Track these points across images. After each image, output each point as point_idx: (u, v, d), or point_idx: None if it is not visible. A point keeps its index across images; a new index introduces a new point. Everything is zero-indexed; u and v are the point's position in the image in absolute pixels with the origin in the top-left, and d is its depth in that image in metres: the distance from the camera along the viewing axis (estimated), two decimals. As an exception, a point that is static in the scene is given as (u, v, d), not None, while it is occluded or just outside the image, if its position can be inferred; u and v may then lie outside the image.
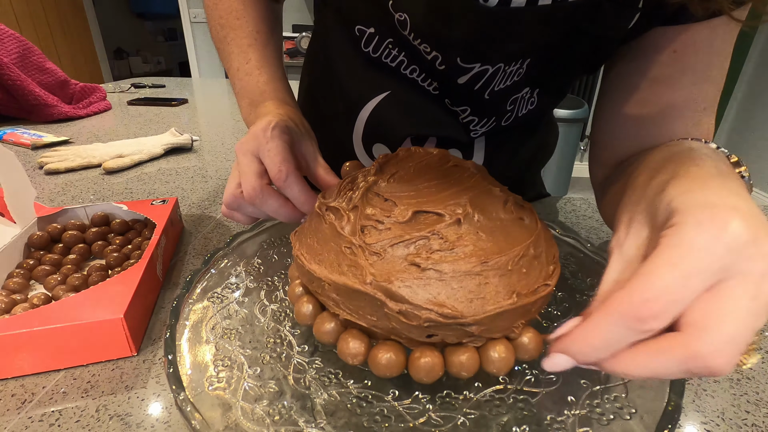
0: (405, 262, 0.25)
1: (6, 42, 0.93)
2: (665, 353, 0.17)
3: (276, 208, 0.34)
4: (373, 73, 0.46)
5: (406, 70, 0.45)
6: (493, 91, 0.42)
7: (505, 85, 0.42)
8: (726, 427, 0.29)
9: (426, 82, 0.45)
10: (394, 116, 0.47)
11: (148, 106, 1.17)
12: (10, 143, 0.82)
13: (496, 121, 0.46)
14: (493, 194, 0.30)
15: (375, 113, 0.48)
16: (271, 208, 0.34)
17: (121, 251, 0.42)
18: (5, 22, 1.11)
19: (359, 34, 0.44)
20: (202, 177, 0.69)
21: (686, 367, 0.17)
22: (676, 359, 0.17)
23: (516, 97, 0.44)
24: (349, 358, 0.26)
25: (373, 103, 0.47)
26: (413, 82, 0.45)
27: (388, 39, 0.43)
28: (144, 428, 0.28)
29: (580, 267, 0.38)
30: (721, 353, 0.16)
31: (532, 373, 0.28)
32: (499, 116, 0.46)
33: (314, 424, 0.25)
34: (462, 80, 0.41)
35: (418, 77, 0.45)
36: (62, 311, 0.31)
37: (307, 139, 0.38)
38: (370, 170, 0.32)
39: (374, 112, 0.48)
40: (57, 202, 0.59)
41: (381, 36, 0.43)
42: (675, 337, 0.17)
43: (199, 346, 0.29)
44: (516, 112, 0.46)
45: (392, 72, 0.45)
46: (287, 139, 0.35)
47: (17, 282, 0.38)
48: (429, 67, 0.43)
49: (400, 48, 0.43)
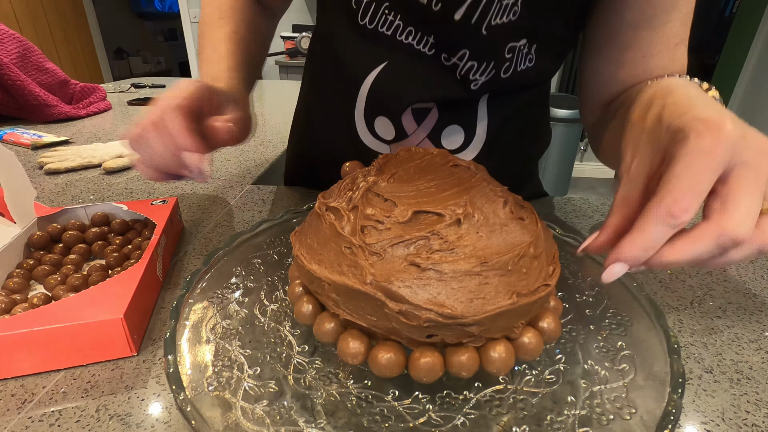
0: (405, 262, 0.25)
1: (6, 42, 0.93)
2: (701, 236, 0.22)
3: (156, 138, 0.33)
4: (371, 46, 0.48)
5: (401, 36, 0.46)
6: (490, 26, 0.43)
7: (502, 21, 0.43)
8: (726, 427, 0.29)
9: (421, 43, 0.46)
10: (393, 86, 0.49)
11: (148, 106, 1.17)
12: (10, 143, 0.82)
13: (495, 70, 0.47)
14: (493, 194, 0.30)
15: (375, 86, 0.49)
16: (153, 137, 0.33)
17: (121, 251, 0.42)
18: (5, 22, 1.11)
19: (356, 6, 0.46)
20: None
21: (718, 243, 0.21)
22: (709, 238, 0.21)
23: (514, 45, 0.45)
24: (349, 358, 0.26)
25: (372, 75, 0.49)
26: (409, 48, 0.47)
27: (385, 3, 0.45)
28: (144, 428, 0.28)
29: (580, 267, 0.38)
30: (742, 224, 0.21)
31: (532, 373, 0.28)
32: (498, 63, 0.46)
33: (314, 424, 0.25)
34: (458, 15, 0.43)
35: (413, 40, 0.46)
36: (62, 311, 0.31)
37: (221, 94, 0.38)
38: (370, 170, 0.32)
39: (374, 85, 0.49)
40: (57, 202, 0.59)
41: (378, 1, 0.45)
42: (705, 223, 0.22)
43: (199, 346, 0.29)
44: (515, 63, 0.47)
45: (389, 41, 0.47)
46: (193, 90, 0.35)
47: (17, 282, 0.38)
48: (424, 17, 0.44)
49: (396, 11, 0.45)
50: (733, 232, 0.21)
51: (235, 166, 0.74)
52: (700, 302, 0.41)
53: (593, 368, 0.29)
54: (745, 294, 0.43)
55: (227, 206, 0.58)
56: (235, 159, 0.78)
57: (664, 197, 0.22)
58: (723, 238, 0.21)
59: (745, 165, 0.21)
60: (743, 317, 0.39)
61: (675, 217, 0.21)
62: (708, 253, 0.22)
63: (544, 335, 0.27)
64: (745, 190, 0.21)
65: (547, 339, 0.28)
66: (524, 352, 0.26)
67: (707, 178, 0.21)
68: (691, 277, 0.46)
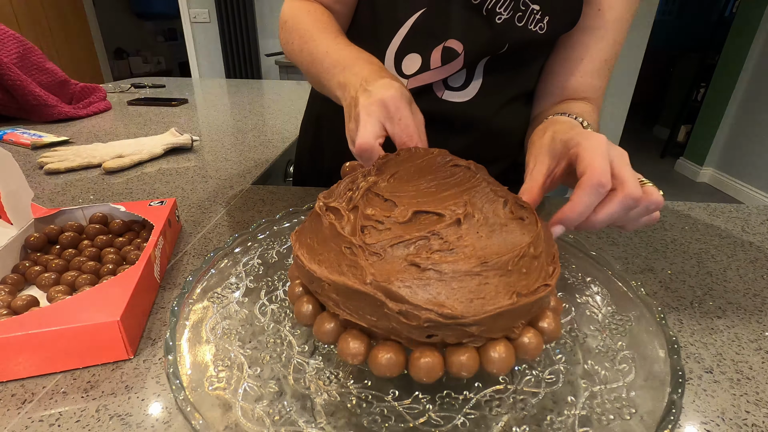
0: (405, 263, 0.25)
1: (6, 42, 0.93)
2: (613, 201, 0.31)
3: None
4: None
5: None
6: None
7: None
8: (726, 427, 0.29)
9: None
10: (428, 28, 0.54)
11: (148, 106, 1.17)
12: (10, 143, 0.82)
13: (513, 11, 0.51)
14: (493, 194, 0.30)
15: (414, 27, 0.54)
16: None
17: (118, 253, 0.42)
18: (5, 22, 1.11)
19: None
20: (202, 177, 0.69)
21: (624, 203, 0.30)
22: (619, 201, 0.30)
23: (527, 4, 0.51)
24: (349, 358, 0.26)
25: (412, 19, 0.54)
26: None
27: None
28: (144, 428, 0.28)
29: (580, 267, 0.38)
30: (636, 188, 0.31)
31: (532, 373, 0.28)
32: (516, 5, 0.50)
33: (314, 424, 0.25)
34: None
35: None
36: (58, 314, 0.31)
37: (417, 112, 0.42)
38: (371, 170, 0.32)
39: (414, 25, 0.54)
40: (57, 202, 0.59)
41: None
42: (614, 192, 0.31)
43: (199, 346, 0.29)
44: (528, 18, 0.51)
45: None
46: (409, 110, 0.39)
47: (13, 284, 0.38)
48: None
49: None
50: (633, 193, 0.30)
51: (235, 166, 0.74)
52: (700, 302, 0.41)
53: (593, 368, 0.29)
54: (745, 294, 0.43)
55: (227, 206, 0.58)
56: (235, 159, 0.78)
57: (591, 176, 0.30)
58: (627, 198, 0.30)
59: (617, 157, 0.32)
60: (743, 317, 0.39)
61: (603, 186, 0.30)
62: (619, 212, 0.31)
63: (544, 335, 0.27)
64: (626, 170, 0.31)
65: (547, 339, 0.28)
66: (524, 352, 0.26)
67: (608, 163, 0.31)
68: (691, 277, 0.46)
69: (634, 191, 0.30)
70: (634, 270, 0.47)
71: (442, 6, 0.53)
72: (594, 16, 0.52)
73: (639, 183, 0.31)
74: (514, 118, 0.62)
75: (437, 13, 0.53)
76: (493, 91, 0.58)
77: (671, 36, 4.32)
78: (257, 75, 3.12)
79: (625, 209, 0.31)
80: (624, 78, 2.85)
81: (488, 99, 0.58)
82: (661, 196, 0.32)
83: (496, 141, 0.62)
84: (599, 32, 0.52)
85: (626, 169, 0.32)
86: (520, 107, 0.62)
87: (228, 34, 2.97)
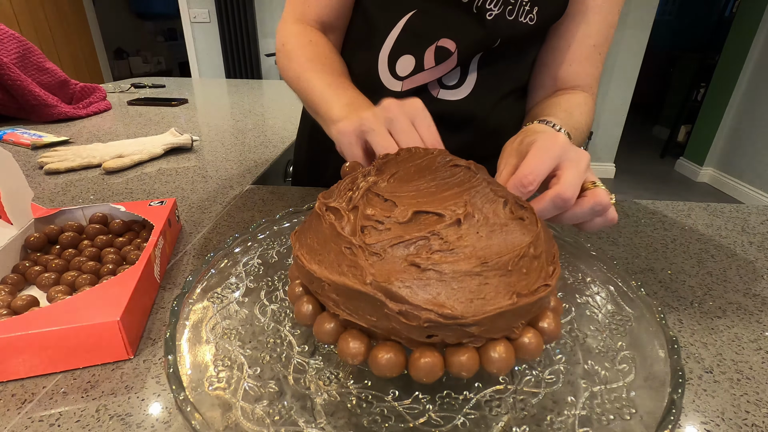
0: (405, 263, 0.25)
1: (6, 42, 0.93)
2: (543, 198, 0.32)
3: None
4: None
5: None
6: None
7: None
8: (726, 427, 0.29)
9: None
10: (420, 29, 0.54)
11: (148, 106, 1.17)
12: (10, 143, 0.82)
13: (503, 6, 0.51)
14: (493, 194, 0.30)
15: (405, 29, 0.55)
16: None
17: (118, 253, 0.42)
18: (5, 22, 1.11)
19: None
20: (202, 177, 0.69)
21: (554, 202, 0.32)
22: (548, 199, 0.32)
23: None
24: (349, 358, 0.26)
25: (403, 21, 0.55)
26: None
27: None
28: (144, 428, 0.28)
29: (580, 267, 0.38)
30: (568, 189, 0.32)
31: (532, 373, 0.28)
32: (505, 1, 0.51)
33: (314, 424, 0.25)
34: None
35: None
36: (58, 314, 0.31)
37: None
38: (370, 170, 0.32)
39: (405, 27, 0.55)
40: (57, 202, 0.59)
41: None
42: (546, 191, 0.32)
43: (199, 346, 0.29)
44: (517, 11, 0.51)
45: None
46: None
47: (13, 284, 0.38)
48: None
49: None
50: (563, 193, 0.31)
51: (235, 166, 0.74)
52: (700, 302, 0.41)
53: (593, 368, 0.29)
54: (745, 294, 0.43)
55: (227, 206, 0.58)
56: (235, 159, 0.78)
57: (517, 174, 0.33)
58: (557, 198, 0.31)
59: (569, 159, 0.33)
60: (743, 317, 0.39)
61: (524, 186, 0.32)
62: (548, 210, 0.32)
63: (544, 335, 0.27)
64: (569, 172, 0.32)
65: (547, 339, 0.28)
66: (524, 352, 0.26)
67: (546, 164, 0.33)
68: (691, 277, 0.46)
69: (564, 191, 0.31)
70: (634, 270, 0.47)
71: (433, 7, 0.53)
72: (578, 2, 0.52)
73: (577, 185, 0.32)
74: (509, 115, 0.62)
75: (428, 14, 0.53)
76: (488, 87, 0.58)
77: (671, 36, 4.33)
78: (257, 75, 3.12)
79: (555, 208, 0.32)
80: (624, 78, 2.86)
81: (483, 95, 0.58)
82: (608, 198, 0.33)
83: (492, 138, 0.62)
84: (584, 17, 0.53)
85: (570, 171, 0.32)
86: (515, 103, 0.63)
87: (228, 34, 2.97)
